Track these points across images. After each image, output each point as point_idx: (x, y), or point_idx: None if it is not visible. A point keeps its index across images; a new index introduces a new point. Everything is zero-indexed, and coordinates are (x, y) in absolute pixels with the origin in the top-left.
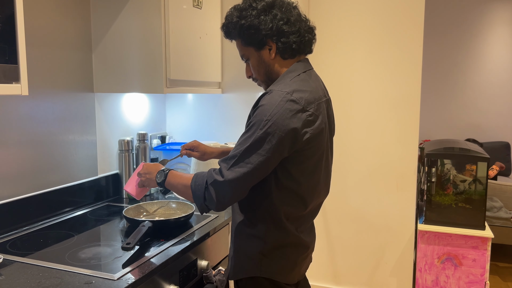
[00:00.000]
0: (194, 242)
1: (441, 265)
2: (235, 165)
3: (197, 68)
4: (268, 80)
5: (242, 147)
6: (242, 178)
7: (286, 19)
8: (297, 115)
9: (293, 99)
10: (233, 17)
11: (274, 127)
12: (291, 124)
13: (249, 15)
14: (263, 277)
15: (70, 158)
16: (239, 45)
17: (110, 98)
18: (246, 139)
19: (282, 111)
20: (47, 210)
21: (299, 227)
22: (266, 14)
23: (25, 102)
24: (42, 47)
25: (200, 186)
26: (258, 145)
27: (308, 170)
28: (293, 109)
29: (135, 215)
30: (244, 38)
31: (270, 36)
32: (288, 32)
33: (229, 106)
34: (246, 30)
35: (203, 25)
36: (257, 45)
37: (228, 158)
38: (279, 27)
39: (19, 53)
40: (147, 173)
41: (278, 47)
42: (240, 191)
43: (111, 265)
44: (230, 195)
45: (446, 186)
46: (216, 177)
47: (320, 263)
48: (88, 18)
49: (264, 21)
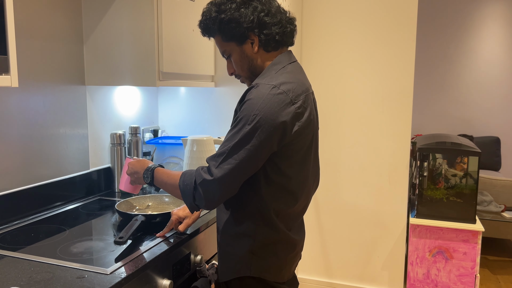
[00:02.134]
0: (187, 236)
1: (432, 258)
2: (223, 162)
3: (190, 61)
4: (251, 76)
5: (230, 143)
6: (231, 175)
7: (267, 10)
8: (286, 108)
9: (280, 91)
10: (212, 12)
11: (262, 122)
12: (280, 117)
13: (229, 9)
14: (252, 277)
15: (61, 152)
16: (219, 42)
17: (102, 91)
18: (234, 134)
19: (270, 105)
20: (38, 204)
21: (288, 225)
22: (246, 6)
23: (15, 95)
24: (32, 39)
25: (189, 186)
26: (247, 140)
27: (297, 164)
28: (281, 102)
29: (127, 209)
30: (224, 33)
31: (252, 28)
32: (270, 23)
33: (222, 100)
34: (227, 24)
35: (196, 18)
36: (238, 39)
37: (216, 155)
38: (260, 19)
39: (8, 44)
40: (134, 173)
41: (261, 39)
42: (230, 188)
43: (103, 259)
44: (220, 194)
45: (438, 180)
46: (204, 176)
47: (312, 257)
48: (79, 10)
49: (244, 14)
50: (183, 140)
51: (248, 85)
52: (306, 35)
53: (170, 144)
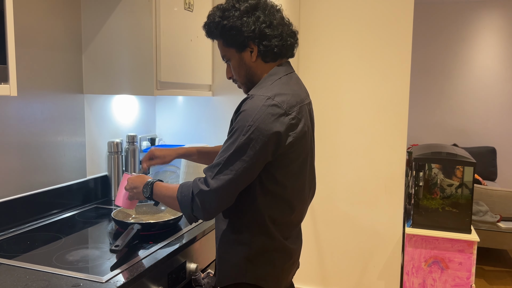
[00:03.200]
0: (183, 245)
1: (428, 268)
2: (219, 173)
3: (188, 71)
4: (248, 83)
5: (226, 154)
6: (227, 185)
7: (268, 22)
8: (280, 119)
9: (275, 103)
10: (215, 17)
11: (257, 132)
12: (274, 128)
13: (232, 16)
14: (248, 284)
15: (58, 160)
16: (220, 46)
17: (100, 100)
18: (229, 145)
19: (264, 116)
20: (34, 212)
21: (285, 234)
22: (249, 16)
23: (14, 103)
24: (31, 47)
25: (186, 197)
26: (242, 151)
27: (293, 174)
28: (275, 113)
29: (123, 218)
30: (225, 39)
31: (252, 38)
32: (271, 35)
33: (219, 109)
34: (228, 31)
35: (194, 28)
36: (238, 46)
37: (213, 166)
38: (261, 30)
39: (8, 53)
40: (133, 188)
41: (260, 50)
42: (227, 199)
43: (99, 267)
44: (216, 204)
45: (433, 190)
46: (201, 186)
47: (308, 266)
48: (78, 19)
49: (246, 23)
50: None
51: (244, 91)
52: (302, 45)
53: None
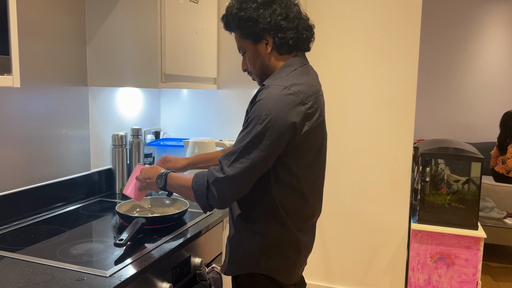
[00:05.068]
0: (187, 239)
1: (433, 264)
2: (235, 161)
3: (193, 63)
4: (262, 75)
5: (242, 142)
6: (243, 173)
7: (285, 14)
8: (296, 108)
9: (291, 92)
10: (233, 9)
11: (273, 122)
12: (290, 117)
13: (249, 8)
14: (261, 274)
15: (62, 153)
16: (237, 37)
17: (104, 92)
18: (246, 134)
19: (280, 105)
20: (38, 205)
21: (298, 226)
22: (265, 8)
23: (17, 95)
24: (35, 39)
25: (202, 186)
26: (258, 140)
27: (306, 165)
28: (292, 102)
29: (128, 211)
30: (242, 31)
31: (268, 30)
32: (286, 27)
33: (224, 102)
34: (245, 22)
35: (199, 20)
36: (254, 38)
37: (229, 154)
38: (277, 22)
39: (11, 44)
40: (147, 178)
41: (275, 42)
42: (242, 187)
43: (103, 261)
44: (232, 192)
45: (440, 186)
46: (217, 174)
47: (313, 261)
48: (82, 11)
49: (262, 15)
50: (185, 142)
51: (258, 83)
52: None
53: (172, 146)
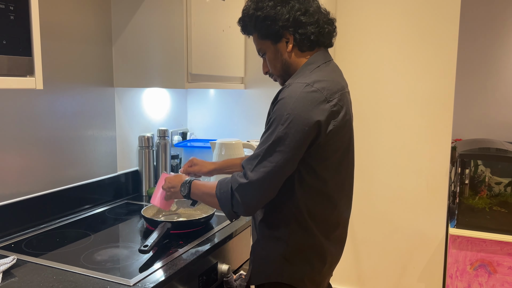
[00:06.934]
0: (215, 245)
1: (473, 272)
2: (258, 165)
3: (220, 63)
4: (284, 75)
5: (265, 145)
6: (267, 178)
7: (304, 9)
8: (320, 106)
9: (314, 89)
10: (250, 10)
11: (296, 122)
12: (314, 116)
13: (265, 6)
14: (285, 284)
15: (89, 154)
16: (255, 39)
17: (130, 93)
18: (268, 136)
19: (303, 103)
20: (65, 207)
21: (325, 232)
22: (283, 4)
23: (43, 97)
24: (61, 40)
25: (226, 193)
26: (281, 141)
27: (333, 166)
28: (315, 100)
29: (153, 215)
30: (260, 31)
31: (287, 27)
32: (306, 22)
33: (251, 102)
34: (262, 21)
35: (226, 18)
36: (273, 37)
37: (252, 158)
38: (296, 18)
39: (33, 44)
40: (171, 187)
41: (296, 38)
42: (268, 192)
43: (127, 268)
44: (257, 198)
45: (480, 189)
46: (240, 180)
47: (344, 266)
48: (108, 10)
49: (280, 12)
50: (212, 144)
51: (280, 84)
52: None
53: (199, 147)
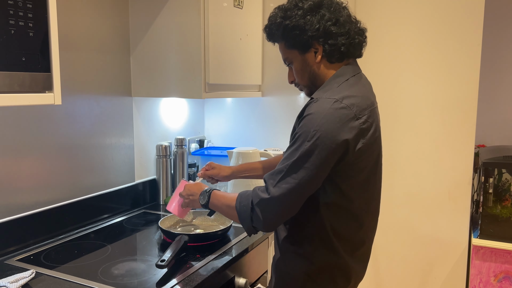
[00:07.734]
0: (232, 259)
1: (498, 284)
2: (281, 181)
3: (237, 71)
4: (311, 86)
5: (289, 161)
6: (289, 194)
7: (334, 19)
8: (349, 124)
9: (343, 106)
10: (277, 18)
11: (323, 139)
12: (342, 134)
13: (294, 15)
14: None
15: (107, 163)
16: (282, 48)
17: (148, 102)
18: (293, 152)
19: (331, 120)
20: (84, 218)
21: (350, 251)
22: (313, 14)
23: (62, 106)
24: (79, 50)
25: (246, 207)
26: (306, 158)
27: (360, 184)
28: (344, 117)
29: (170, 226)
30: (288, 40)
31: (317, 37)
32: (337, 33)
33: (269, 110)
34: (291, 31)
35: (244, 26)
36: (301, 47)
37: (274, 173)
38: (326, 28)
39: (52, 60)
40: (190, 195)
41: (325, 49)
42: (289, 209)
43: (144, 284)
44: (278, 214)
45: (504, 197)
46: (262, 195)
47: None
48: (126, 20)
49: (310, 22)
50: (229, 153)
51: (306, 94)
52: None
53: (216, 156)
